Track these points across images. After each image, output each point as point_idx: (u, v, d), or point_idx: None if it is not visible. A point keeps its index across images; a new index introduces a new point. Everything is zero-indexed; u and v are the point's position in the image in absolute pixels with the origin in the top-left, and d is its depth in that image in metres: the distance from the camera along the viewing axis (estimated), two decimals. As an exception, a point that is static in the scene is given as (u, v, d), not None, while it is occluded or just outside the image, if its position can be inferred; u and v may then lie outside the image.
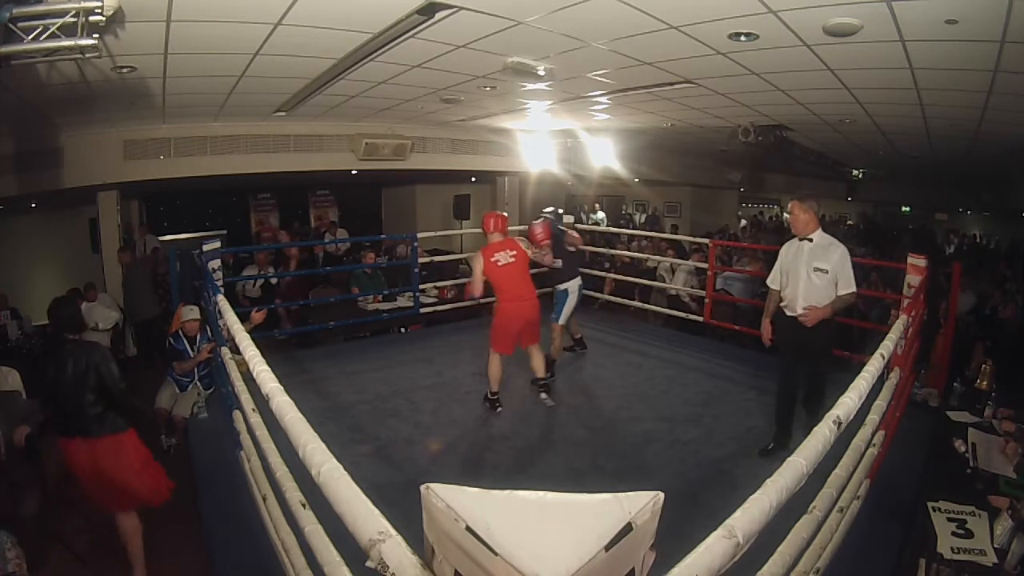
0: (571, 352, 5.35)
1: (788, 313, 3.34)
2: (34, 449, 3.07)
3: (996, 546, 2.27)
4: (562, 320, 4.87)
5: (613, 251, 7.82)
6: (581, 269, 6.97)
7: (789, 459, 1.39)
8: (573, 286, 4.86)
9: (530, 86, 4.93)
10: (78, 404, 2.66)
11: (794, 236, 3.35)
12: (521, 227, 6.68)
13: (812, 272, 3.25)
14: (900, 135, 6.55)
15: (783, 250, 3.43)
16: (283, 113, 5.93)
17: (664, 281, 7.03)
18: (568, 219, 7.00)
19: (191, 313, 4.33)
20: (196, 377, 4.32)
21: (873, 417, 2.29)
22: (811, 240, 3.28)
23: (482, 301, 4.13)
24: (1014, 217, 12.77)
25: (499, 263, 4.00)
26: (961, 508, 2.46)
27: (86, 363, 2.66)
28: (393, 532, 1.01)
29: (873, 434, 2.30)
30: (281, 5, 2.81)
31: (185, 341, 4.29)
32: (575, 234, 5.05)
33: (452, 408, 4.20)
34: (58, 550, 3.06)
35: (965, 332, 5.15)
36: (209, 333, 4.34)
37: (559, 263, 4.74)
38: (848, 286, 3.23)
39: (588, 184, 10.60)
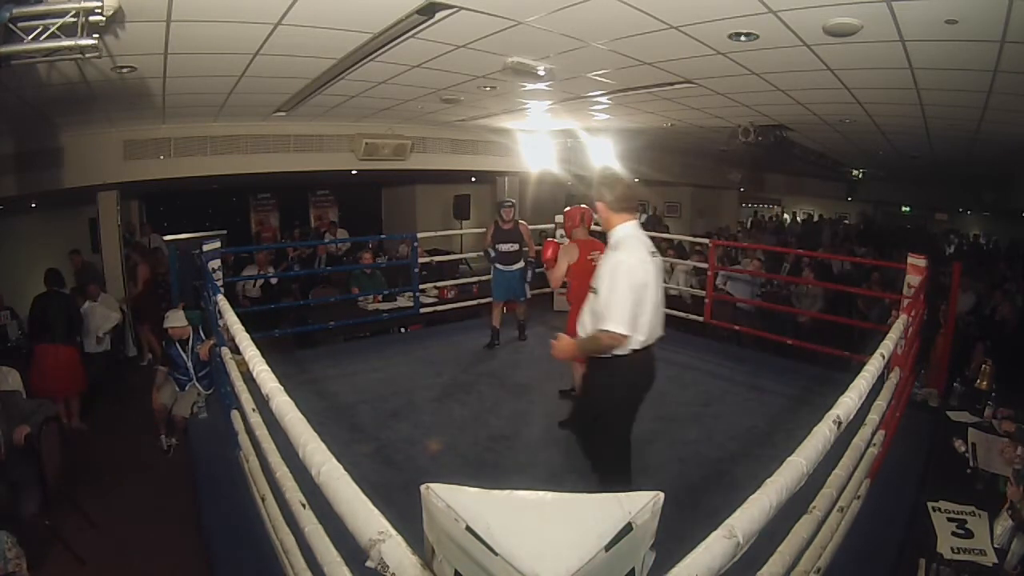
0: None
1: None
2: (31, 445, 3.07)
3: (996, 546, 2.27)
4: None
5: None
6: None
7: (789, 459, 1.39)
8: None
9: (530, 86, 4.93)
10: (65, 326, 4.87)
11: None
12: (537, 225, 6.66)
13: (591, 291, 2.35)
14: (900, 135, 6.55)
15: None
16: (283, 113, 5.93)
17: (664, 281, 7.02)
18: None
19: (172, 320, 4.32)
20: (194, 378, 4.31)
21: (873, 417, 2.29)
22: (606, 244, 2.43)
23: (482, 301, 4.11)
24: (1014, 217, 12.77)
25: (593, 262, 3.43)
26: (961, 508, 2.46)
27: (69, 304, 5.07)
28: (393, 532, 1.01)
29: (873, 434, 2.30)
30: (281, 5, 2.81)
31: (177, 345, 4.29)
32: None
33: (452, 408, 4.19)
34: (58, 550, 3.07)
35: (965, 332, 5.16)
36: (202, 334, 4.34)
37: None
38: (602, 319, 2.19)
39: (588, 184, 10.60)
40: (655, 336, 2.39)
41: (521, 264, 5.48)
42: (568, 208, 4.05)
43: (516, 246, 5.42)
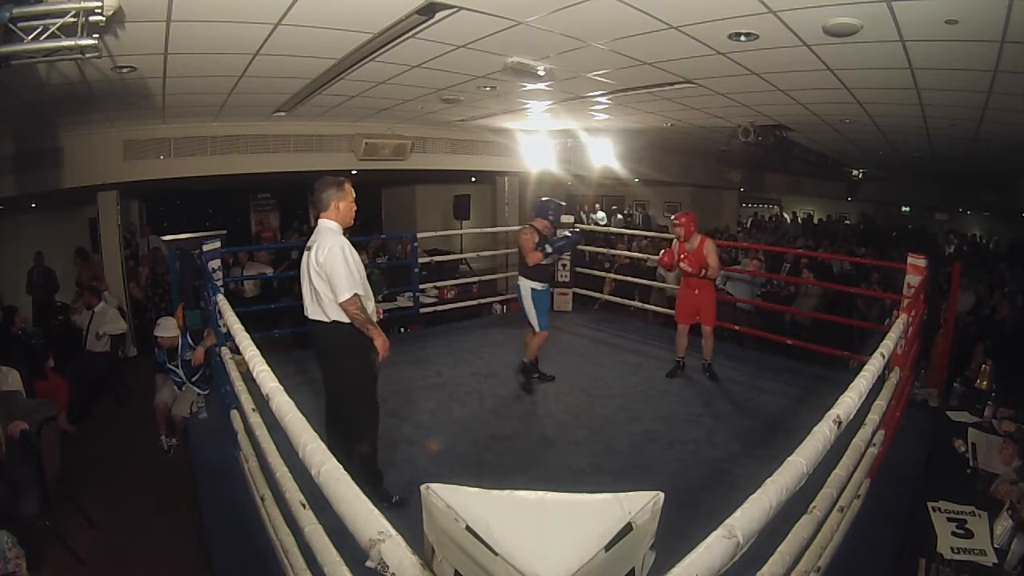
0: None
1: None
2: (31, 445, 3.07)
3: (996, 546, 2.28)
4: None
5: (613, 251, 7.82)
6: (579, 269, 6.99)
7: (789, 459, 1.39)
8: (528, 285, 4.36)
9: (530, 86, 4.92)
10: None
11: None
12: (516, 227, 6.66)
13: None
14: (900, 135, 6.55)
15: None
16: (283, 113, 5.93)
17: (664, 281, 7.02)
18: (568, 219, 7.01)
19: (163, 329, 4.30)
20: (186, 382, 4.29)
21: (873, 417, 2.29)
22: None
23: (482, 301, 4.13)
24: (1014, 217, 12.76)
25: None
26: (961, 508, 2.46)
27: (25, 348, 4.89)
28: (393, 532, 1.01)
29: (873, 434, 2.30)
30: (281, 5, 2.81)
31: (165, 354, 4.29)
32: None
33: (452, 408, 4.19)
34: (58, 550, 3.06)
35: (965, 332, 5.16)
36: (191, 340, 4.32)
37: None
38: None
39: (588, 184, 10.60)
40: (308, 312, 2.96)
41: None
42: (685, 215, 4.65)
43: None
